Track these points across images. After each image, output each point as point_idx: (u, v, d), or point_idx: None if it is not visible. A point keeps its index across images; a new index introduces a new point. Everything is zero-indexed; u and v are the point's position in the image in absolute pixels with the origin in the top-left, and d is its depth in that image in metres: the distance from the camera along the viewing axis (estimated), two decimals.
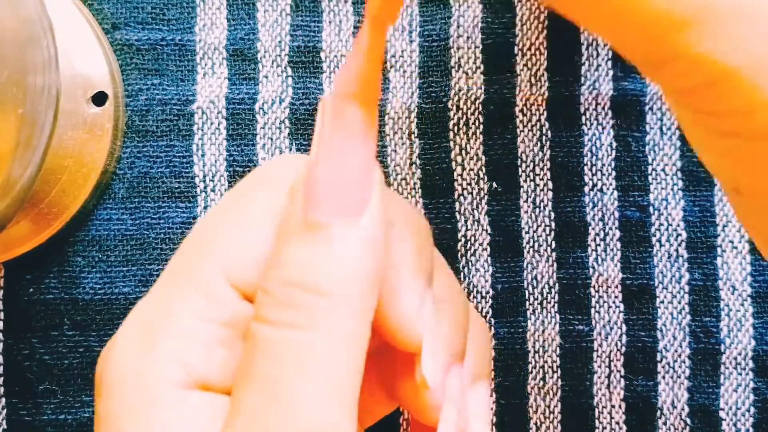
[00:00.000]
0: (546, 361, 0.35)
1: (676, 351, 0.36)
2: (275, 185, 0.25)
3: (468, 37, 0.36)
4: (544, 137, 0.36)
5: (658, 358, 0.36)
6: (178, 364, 0.23)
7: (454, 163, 0.35)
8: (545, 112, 0.36)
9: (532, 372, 0.35)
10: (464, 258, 0.35)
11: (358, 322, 0.23)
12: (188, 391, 0.23)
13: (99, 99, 0.34)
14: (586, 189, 0.36)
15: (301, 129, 0.35)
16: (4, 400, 0.35)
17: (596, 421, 0.35)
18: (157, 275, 0.34)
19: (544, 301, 0.35)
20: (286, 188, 0.25)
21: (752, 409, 0.36)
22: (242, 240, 0.24)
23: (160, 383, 0.23)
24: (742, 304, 0.36)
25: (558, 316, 0.35)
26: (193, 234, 0.25)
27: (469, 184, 0.35)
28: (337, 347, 0.22)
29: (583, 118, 0.36)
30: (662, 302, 0.36)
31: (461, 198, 0.35)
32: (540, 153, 0.36)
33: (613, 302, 0.36)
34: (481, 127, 0.36)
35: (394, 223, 0.25)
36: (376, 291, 0.24)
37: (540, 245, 0.36)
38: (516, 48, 0.36)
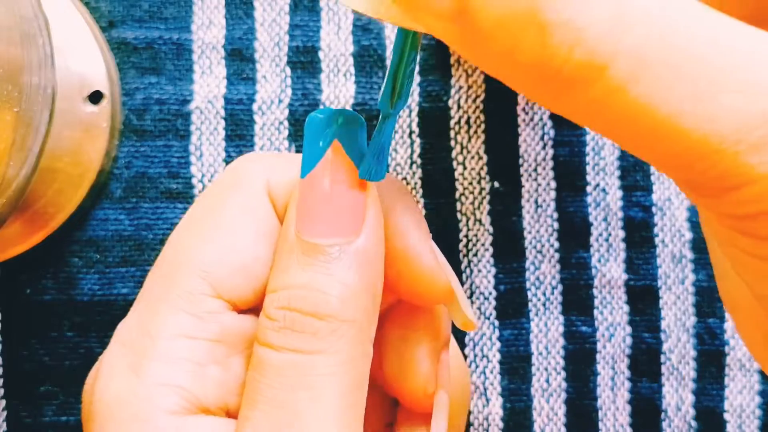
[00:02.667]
0: (550, 363, 0.35)
1: (680, 353, 0.35)
2: (248, 187, 0.25)
3: None
4: (546, 136, 0.35)
5: (663, 360, 0.35)
6: (171, 390, 0.22)
7: (455, 162, 0.35)
8: (547, 111, 0.35)
9: (536, 374, 0.35)
10: (466, 258, 0.35)
11: (360, 342, 0.23)
12: (185, 416, 0.22)
13: (95, 98, 0.34)
14: (589, 189, 0.36)
15: (300, 130, 0.35)
16: (4, 402, 0.34)
17: (600, 423, 0.35)
18: None
19: (547, 302, 0.35)
20: (260, 189, 0.24)
21: (758, 411, 0.35)
22: (223, 248, 0.24)
23: (156, 412, 0.22)
24: None
25: (562, 318, 0.35)
26: (167, 249, 0.25)
27: (471, 183, 0.35)
28: (342, 369, 0.22)
29: None
30: (666, 303, 0.35)
31: (462, 197, 0.35)
32: (542, 152, 0.35)
33: (617, 303, 0.35)
34: (483, 125, 0.35)
35: (396, 208, 0.25)
36: (377, 308, 0.23)
37: (543, 245, 0.35)
38: None
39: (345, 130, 0.23)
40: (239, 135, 0.35)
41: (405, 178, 0.35)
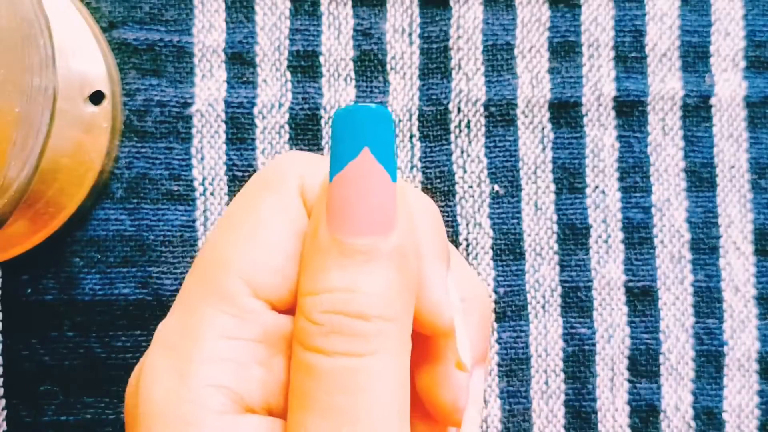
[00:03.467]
0: (549, 365, 0.35)
1: (679, 353, 0.35)
2: (283, 188, 0.25)
3: (468, 39, 0.36)
4: (545, 139, 0.36)
5: (662, 361, 0.35)
6: (217, 390, 0.22)
7: (455, 166, 0.35)
8: (547, 114, 0.36)
9: (535, 376, 0.35)
10: (466, 261, 0.35)
11: (404, 338, 0.23)
12: (232, 416, 0.22)
13: (96, 98, 0.34)
14: (588, 190, 0.36)
15: (301, 134, 0.35)
16: (4, 401, 0.34)
17: (600, 425, 0.35)
18: (157, 277, 0.34)
19: (547, 305, 0.35)
20: (295, 190, 0.24)
21: (756, 411, 0.35)
22: (261, 249, 0.24)
23: (202, 413, 0.22)
24: (746, 306, 0.36)
25: (561, 320, 0.35)
26: (205, 250, 0.25)
27: (471, 186, 0.35)
28: (392, 367, 0.22)
29: (585, 119, 0.36)
30: (665, 304, 0.35)
31: (462, 201, 0.35)
32: (542, 155, 0.35)
33: (616, 304, 0.35)
34: (483, 129, 0.35)
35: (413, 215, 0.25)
36: (414, 302, 0.24)
37: (542, 248, 0.35)
38: (516, 49, 0.36)
39: (374, 128, 0.23)
40: (240, 138, 0.35)
41: (406, 182, 0.35)
